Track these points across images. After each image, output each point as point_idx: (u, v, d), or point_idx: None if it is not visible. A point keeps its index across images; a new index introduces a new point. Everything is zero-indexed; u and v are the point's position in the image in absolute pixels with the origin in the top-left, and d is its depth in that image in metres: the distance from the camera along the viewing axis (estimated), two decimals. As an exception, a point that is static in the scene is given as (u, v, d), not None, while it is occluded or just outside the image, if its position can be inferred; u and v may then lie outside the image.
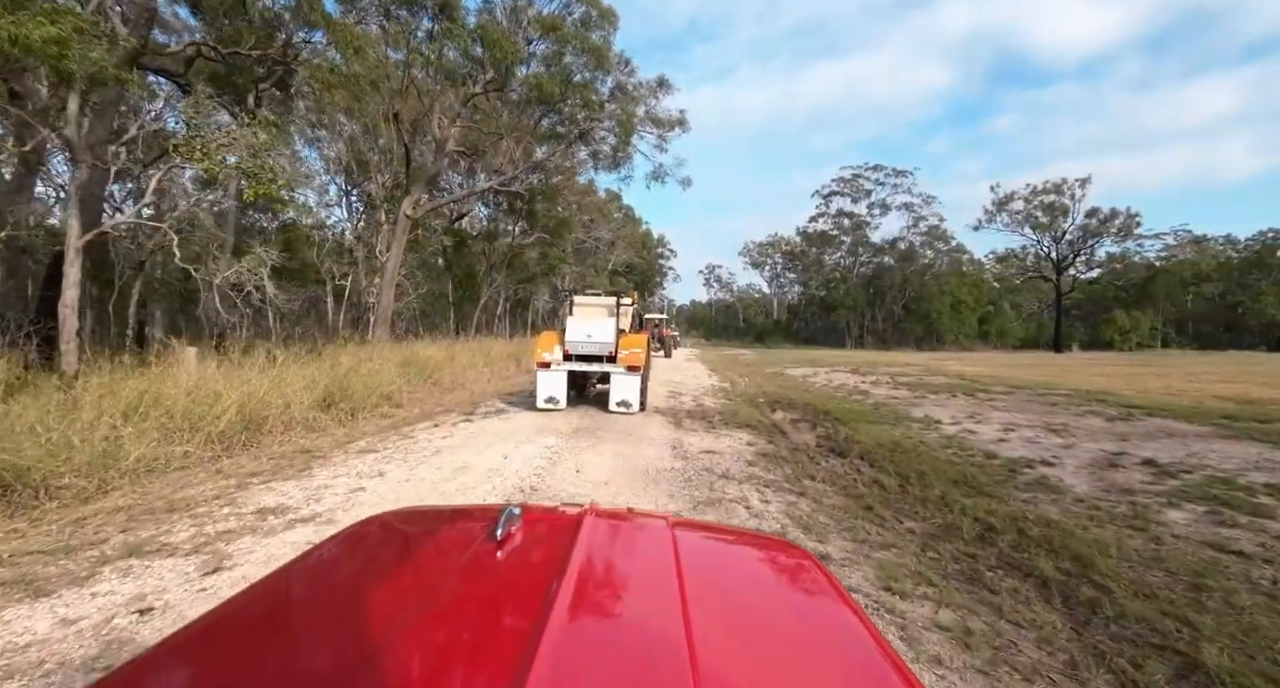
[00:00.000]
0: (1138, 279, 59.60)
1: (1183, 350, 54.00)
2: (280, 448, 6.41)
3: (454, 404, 10.37)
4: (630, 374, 9.31)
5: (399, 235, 16.53)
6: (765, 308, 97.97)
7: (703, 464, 5.98)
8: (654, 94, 18.34)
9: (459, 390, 12.48)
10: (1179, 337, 64.79)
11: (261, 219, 36.26)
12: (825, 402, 11.27)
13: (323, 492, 4.61)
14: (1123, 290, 59.93)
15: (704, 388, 13.93)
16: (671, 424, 8.48)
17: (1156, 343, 61.41)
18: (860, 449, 6.83)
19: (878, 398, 11.96)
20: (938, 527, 4.23)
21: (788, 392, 13.14)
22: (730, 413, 9.64)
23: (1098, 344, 59.89)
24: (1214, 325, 64.34)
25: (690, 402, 11.21)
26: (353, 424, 8.11)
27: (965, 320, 64.51)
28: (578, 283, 46.10)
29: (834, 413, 9.67)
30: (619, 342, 9.55)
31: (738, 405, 10.74)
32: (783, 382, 15.92)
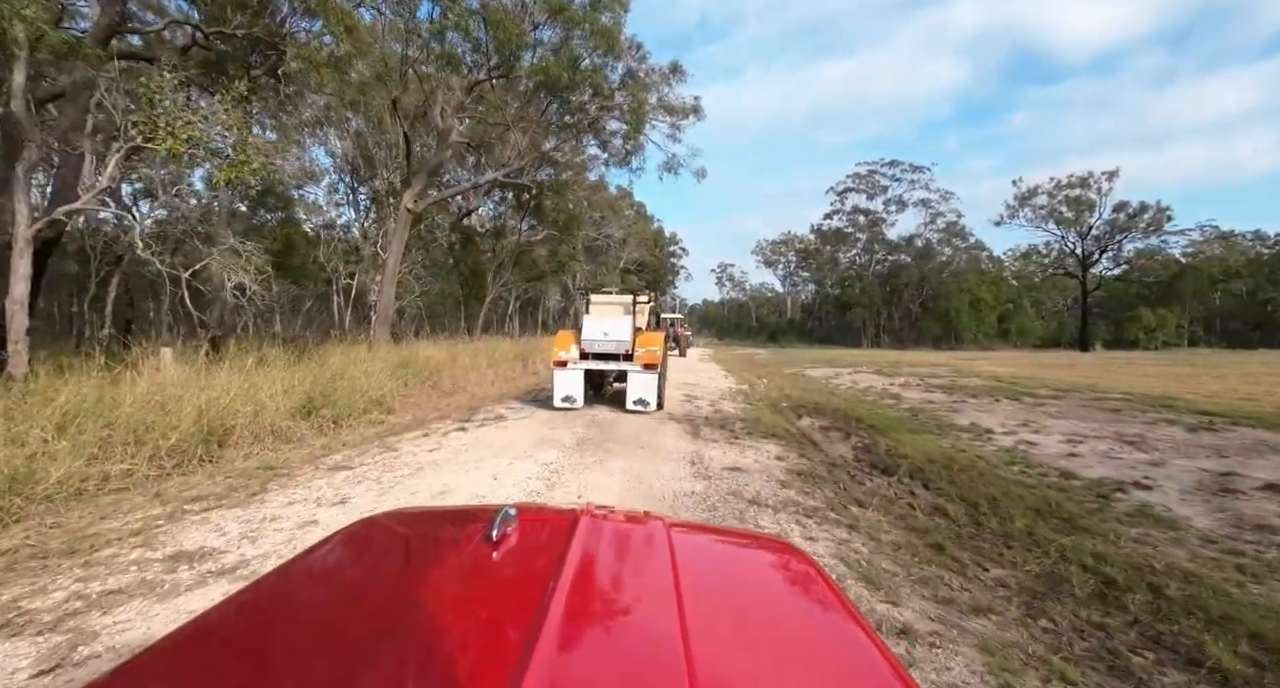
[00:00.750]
0: (1164, 276, 57.64)
1: (1213, 349, 52.03)
2: (243, 464, 5.61)
3: (450, 409, 9.55)
4: (647, 372, 9.16)
5: (400, 230, 15.77)
6: (778, 307, 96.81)
7: (728, 486, 5.08)
8: (666, 81, 17.44)
9: (458, 394, 11.67)
10: (1207, 335, 62.78)
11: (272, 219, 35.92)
12: (855, 407, 10.31)
13: (265, 527, 3.77)
14: (1146, 288, 57.99)
15: (721, 391, 13.01)
16: (689, 434, 7.58)
17: (1183, 342, 59.49)
18: (909, 465, 5.89)
19: (912, 402, 10.98)
20: (1036, 578, 3.30)
21: (811, 395, 12.19)
22: (752, 420, 8.72)
23: (1121, 343, 58.08)
24: (1243, 323, 62.18)
25: (707, 406, 10.30)
26: (334, 433, 7.31)
27: (985, 319, 63.15)
28: (589, 281, 45.33)
29: (868, 420, 8.72)
30: (635, 340, 9.38)
31: (759, 411, 9.81)
32: (804, 384, 14.96)
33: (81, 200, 6.89)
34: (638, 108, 15.28)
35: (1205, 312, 63.66)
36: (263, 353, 9.93)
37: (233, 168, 6.96)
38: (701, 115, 17.14)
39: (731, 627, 0.87)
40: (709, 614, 0.86)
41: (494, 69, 15.56)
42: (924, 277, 66.25)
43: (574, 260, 29.14)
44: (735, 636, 0.85)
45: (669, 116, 17.44)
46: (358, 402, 8.38)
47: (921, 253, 67.25)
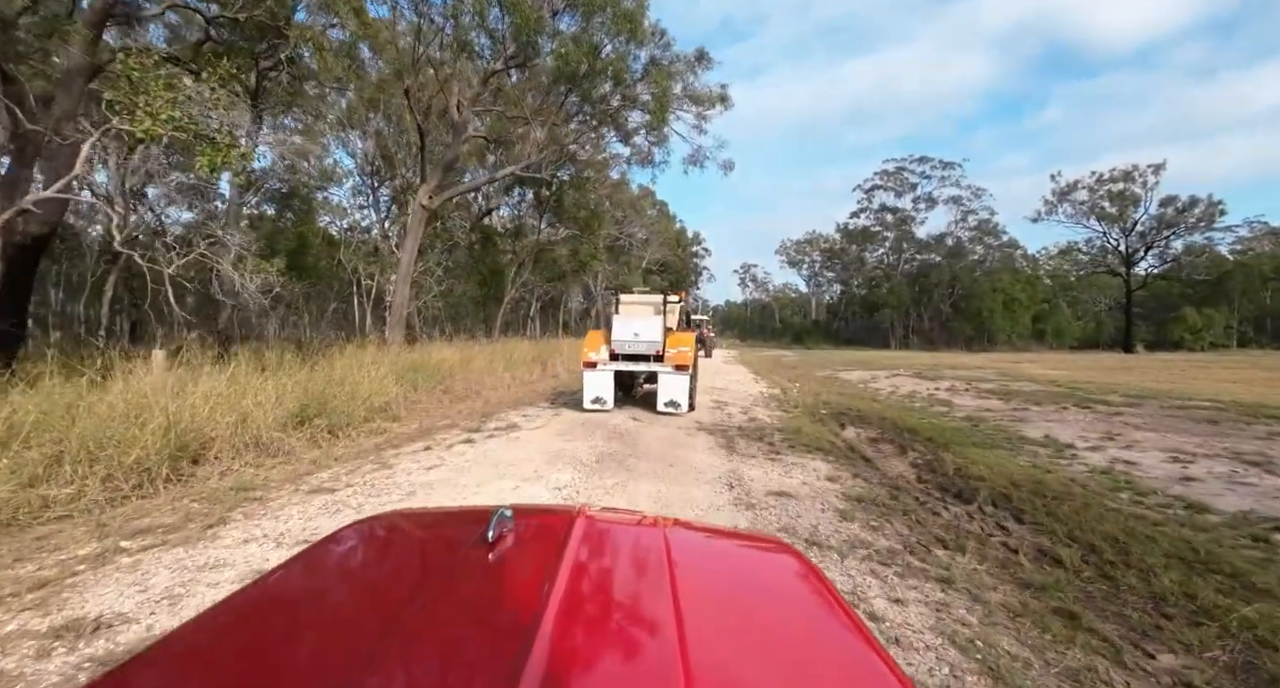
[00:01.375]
0: (1211, 275, 54.71)
1: (1264, 350, 49.21)
2: (215, 484, 4.90)
3: (460, 417, 8.82)
4: (679, 373, 9.04)
5: (414, 227, 15.16)
6: (802, 308, 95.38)
7: (777, 518, 4.20)
8: (691, 69, 16.57)
9: (471, 399, 10.95)
10: (1258, 336, 59.69)
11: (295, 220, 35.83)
12: (902, 415, 9.32)
13: (200, 579, 3.01)
14: (1190, 287, 55.11)
15: (752, 396, 12.09)
16: (722, 447, 6.71)
17: (1232, 342, 56.63)
18: (989, 490, 4.94)
19: (966, 410, 9.94)
20: (1230, 672, 2.38)
21: (852, 401, 11.20)
22: (792, 430, 7.80)
23: (1164, 344, 55.49)
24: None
25: (740, 414, 9.40)
26: (329, 445, 6.60)
27: (1019, 319, 61.16)
28: (610, 281, 44.61)
29: (922, 431, 7.74)
30: (666, 340, 9.17)
31: (798, 419, 8.89)
32: (841, 388, 13.94)
33: (51, 189, 6.30)
34: (661, 95, 14.45)
35: (1256, 311, 60.60)
36: (264, 356, 9.36)
37: (217, 152, 6.31)
38: (729, 104, 16.26)
39: (728, 628, 0.87)
40: (706, 615, 0.86)
41: (511, 58, 14.87)
42: (955, 276, 64.38)
43: (595, 260, 28.40)
44: (732, 637, 0.84)
45: (694, 106, 16.57)
46: (358, 410, 7.68)
47: (952, 251, 65.39)
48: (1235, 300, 56.29)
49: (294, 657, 0.81)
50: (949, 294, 65.24)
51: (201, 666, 0.81)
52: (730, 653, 0.79)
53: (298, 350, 11.22)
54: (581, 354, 9.49)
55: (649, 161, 33.70)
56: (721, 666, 0.74)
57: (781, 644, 0.86)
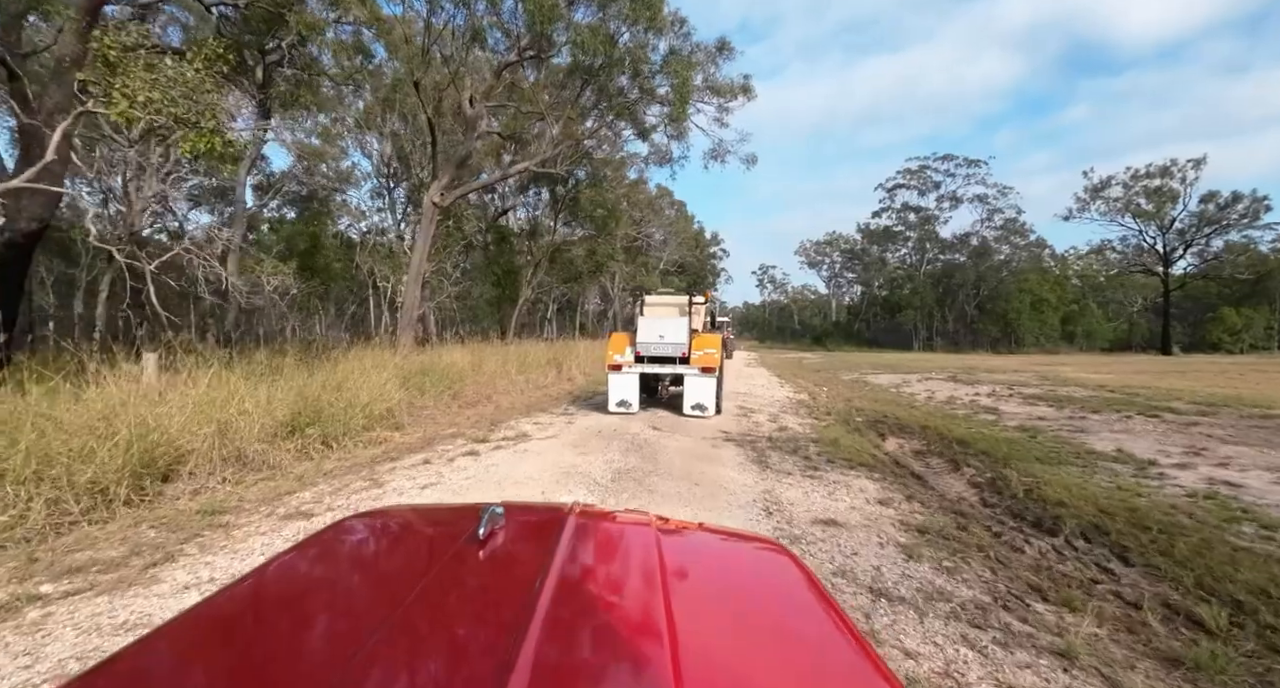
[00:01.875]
0: (1251, 274, 52.28)
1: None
2: (182, 505, 4.33)
3: (468, 425, 8.22)
4: (705, 376, 8.87)
5: (426, 226, 14.67)
6: (821, 309, 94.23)
7: (828, 556, 3.50)
8: (712, 60, 15.87)
9: (481, 405, 10.36)
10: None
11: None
12: (947, 424, 8.52)
13: (108, 644, 2.39)
14: (1226, 286, 52.74)
15: (779, 402, 11.35)
16: (754, 462, 6.00)
17: (1274, 344, 54.27)
18: (1074, 519, 4.18)
19: (1017, 418, 9.10)
20: None
21: (887, 407, 10.40)
22: (828, 442, 7.06)
23: (1200, 346, 53.33)
24: None
25: (768, 422, 8.67)
26: (321, 458, 6.03)
27: (1047, 321, 59.51)
28: (628, 283, 44.05)
29: (974, 443, 6.95)
30: (692, 342, 9.00)
31: (832, 428, 8.14)
32: (872, 393, 13.12)
33: (20, 178, 5.82)
34: (682, 86, 13.77)
35: None
36: (267, 359, 8.88)
37: (200, 137, 5.79)
38: (752, 96, 15.52)
39: (718, 626, 0.88)
40: (696, 613, 0.86)
41: (525, 50, 14.32)
42: (981, 276, 62.92)
43: (612, 260, 27.81)
44: (722, 634, 0.85)
45: (716, 98, 15.87)
46: (356, 418, 7.10)
47: (977, 251, 63.91)
48: (1276, 300, 53.94)
49: (284, 651, 0.81)
50: (974, 295, 63.75)
51: (192, 658, 0.80)
52: (720, 650, 0.79)
53: (304, 353, 10.76)
54: (606, 357, 9.36)
55: (667, 160, 33.05)
56: (711, 663, 0.74)
57: (771, 642, 0.85)
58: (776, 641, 0.86)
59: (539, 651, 0.66)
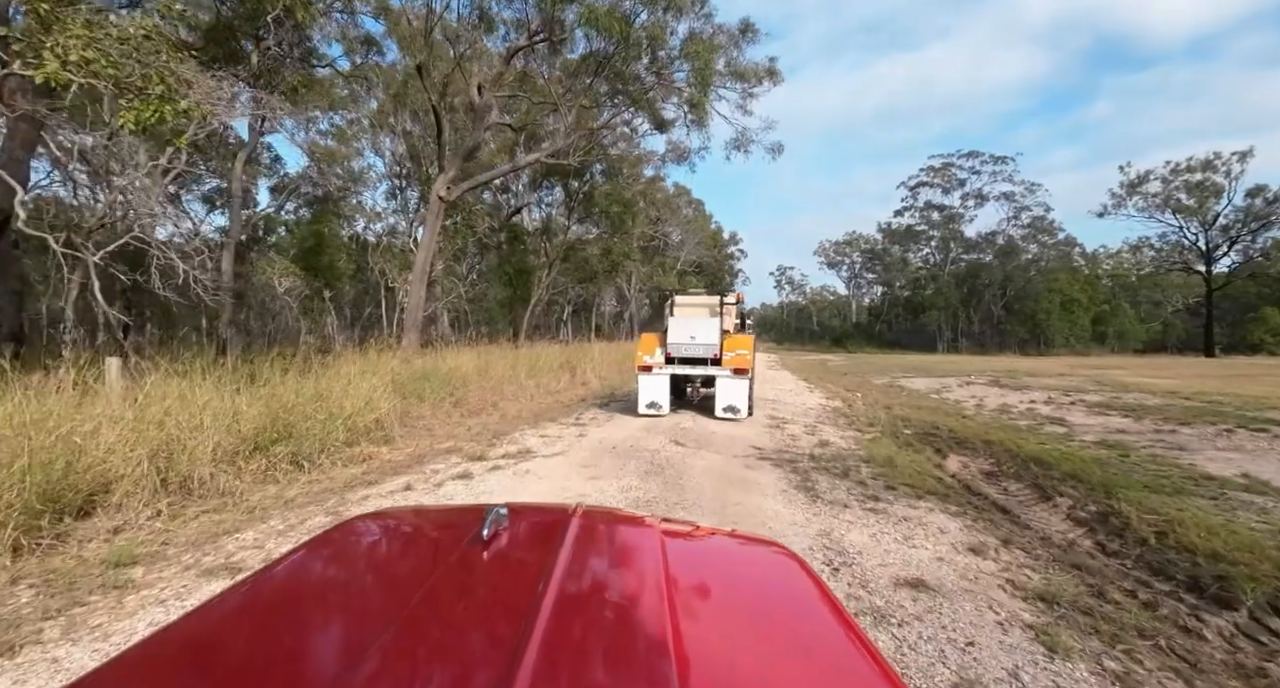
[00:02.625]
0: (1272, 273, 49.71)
1: None
2: (93, 550, 3.46)
3: (466, 438, 7.32)
4: (737, 377, 8.76)
5: (431, 221, 13.85)
6: (841, 310, 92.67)
7: (930, 646, 2.48)
8: (735, 43, 14.84)
9: (485, 413, 9.46)
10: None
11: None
12: (1010, 437, 7.41)
13: None
14: (1266, 285, 50.16)
15: (812, 410, 10.29)
16: (799, 487, 4.99)
17: None
18: (1250, 581, 3.11)
19: (1092, 430, 7.96)
20: None
21: (935, 417, 9.30)
22: (881, 461, 6.01)
23: (1239, 347, 50.85)
24: None
25: (805, 435, 7.63)
26: (289, 481, 5.15)
27: (1078, 321, 57.45)
28: (644, 283, 43.09)
29: (1055, 464, 5.86)
30: (724, 343, 8.87)
31: (879, 443, 7.08)
32: (913, 400, 12.00)
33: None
34: (703, 69, 12.76)
35: None
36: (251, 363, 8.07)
37: (146, 106, 4.93)
38: (779, 79, 14.46)
39: (722, 628, 0.87)
40: (700, 615, 0.86)
41: (535, 33, 13.43)
42: (1008, 276, 61.00)
43: (629, 259, 26.86)
44: (725, 636, 0.84)
45: (739, 83, 14.83)
46: (337, 431, 6.21)
47: (1003, 250, 62.01)
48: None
49: (288, 653, 0.80)
50: (1000, 295, 61.87)
51: (199, 658, 0.80)
52: (724, 654, 0.78)
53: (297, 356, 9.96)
54: (635, 358, 9.30)
55: (685, 157, 32.06)
56: (715, 664, 0.74)
57: (775, 644, 0.85)
58: (781, 644, 0.85)
59: (543, 652, 0.66)
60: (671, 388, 9.30)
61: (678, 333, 9.09)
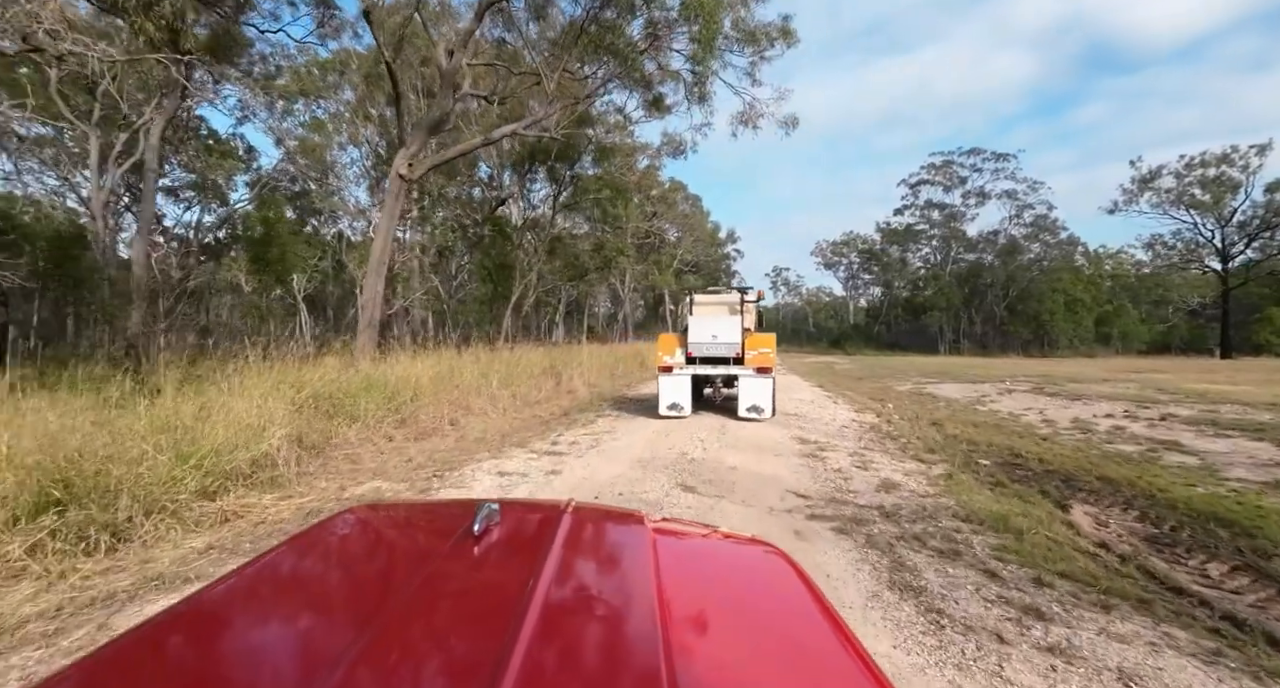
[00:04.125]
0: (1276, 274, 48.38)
1: None
2: None
3: (400, 474, 5.39)
4: (761, 377, 8.66)
5: (390, 204, 11.84)
6: (838, 311, 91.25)
7: None
8: (743, 1, 12.91)
9: (438, 436, 7.50)
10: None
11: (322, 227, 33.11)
12: (1132, 473, 5.51)
13: None
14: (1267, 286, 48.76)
15: (846, 428, 8.35)
16: (897, 591, 3.02)
17: None
18: None
19: (1239, 463, 6.04)
20: None
21: (1002, 438, 7.40)
22: (989, 522, 4.05)
23: (1243, 348, 49.46)
24: None
25: (855, 469, 5.67)
26: (66, 568, 3.15)
27: (1082, 322, 56.19)
28: (639, 282, 41.15)
29: (1248, 524, 3.93)
30: (745, 342, 8.76)
31: (962, 484, 5.14)
32: (958, 414, 10.08)
33: None
34: (708, 25, 10.81)
35: None
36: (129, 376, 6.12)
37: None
38: (793, 41, 12.47)
39: (711, 625, 0.87)
40: (689, 612, 0.86)
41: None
42: (1011, 276, 59.57)
43: (622, 256, 24.88)
44: (714, 634, 0.85)
45: (748, 47, 12.88)
46: (188, 478, 4.21)
47: (1006, 249, 60.59)
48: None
49: (276, 645, 0.80)
50: (1003, 295, 60.43)
51: (183, 651, 0.80)
52: (712, 650, 0.79)
53: (197, 363, 7.98)
54: (655, 358, 9.21)
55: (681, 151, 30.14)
56: (703, 663, 0.73)
57: (763, 642, 0.85)
58: (769, 641, 0.86)
59: (531, 648, 0.66)
60: (692, 389, 9.11)
61: (699, 332, 8.87)
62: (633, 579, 0.96)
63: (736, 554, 1.27)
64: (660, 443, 7.01)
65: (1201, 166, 40.97)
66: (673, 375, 8.97)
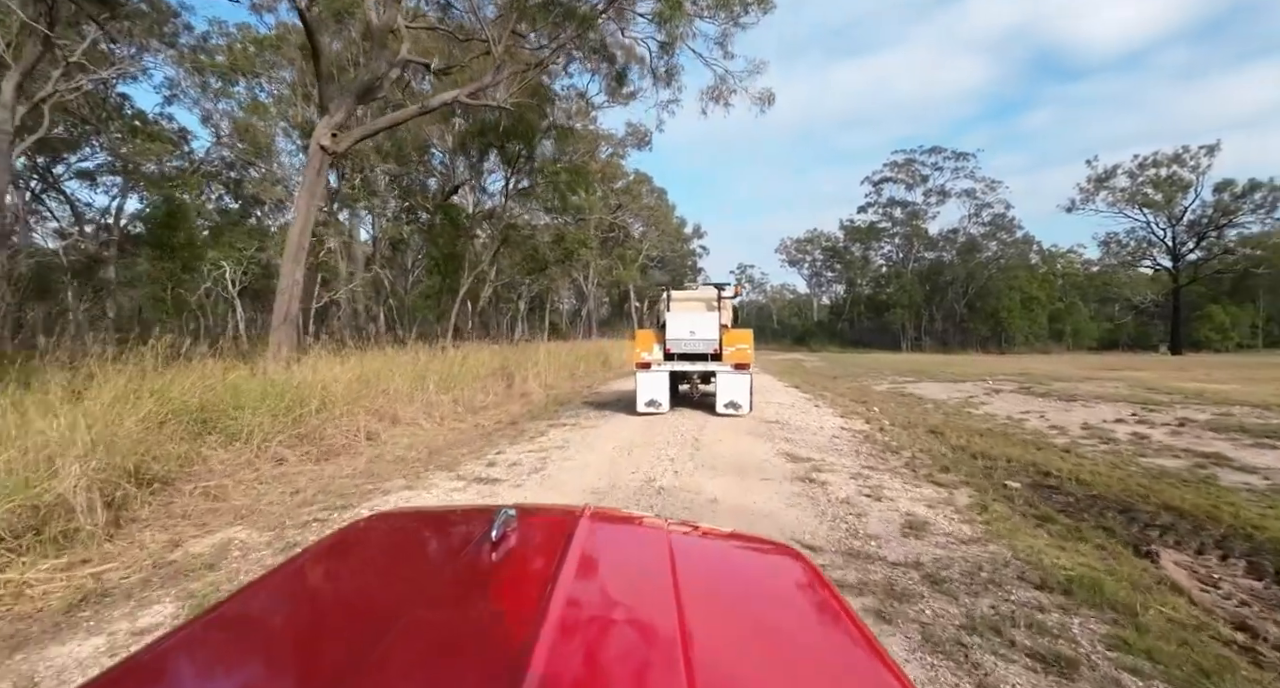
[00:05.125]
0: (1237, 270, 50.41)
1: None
2: None
3: (278, 514, 4.01)
4: (738, 372, 8.68)
5: (309, 180, 10.21)
6: (802, 309, 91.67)
7: None
8: (714, -37, 11.67)
9: (348, 455, 6.08)
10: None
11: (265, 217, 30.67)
12: (1198, 498, 4.52)
13: None
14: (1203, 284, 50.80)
15: (838, 439, 7.22)
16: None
17: (1258, 342, 52.99)
18: None
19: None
20: None
21: (1015, 450, 6.39)
22: (1075, 588, 2.92)
23: (1186, 345, 51.41)
24: None
25: (865, 500, 4.49)
26: None
27: (1037, 319, 57.54)
28: (603, 278, 39.78)
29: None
30: (723, 337, 8.76)
31: (1005, 522, 4.03)
32: (955, 419, 9.12)
33: None
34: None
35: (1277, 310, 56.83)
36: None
37: None
38: (769, 6, 11.32)
39: (730, 630, 0.86)
40: (708, 617, 0.85)
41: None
42: (970, 273, 60.47)
43: (584, 247, 23.47)
44: (734, 639, 0.83)
45: (720, 13, 11.65)
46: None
47: (965, 247, 61.50)
48: (1260, 298, 52.61)
49: (298, 651, 0.80)
50: (963, 293, 61.33)
51: (209, 657, 0.80)
52: (733, 655, 0.78)
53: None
54: (633, 355, 9.22)
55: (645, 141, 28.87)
56: (724, 667, 0.73)
57: (784, 647, 0.84)
58: (790, 646, 0.85)
59: (551, 654, 0.64)
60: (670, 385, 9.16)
61: (677, 328, 8.90)
62: (651, 585, 0.93)
63: (755, 559, 1.25)
64: (622, 464, 5.73)
65: (1154, 166, 41.86)
66: (651, 372, 8.90)
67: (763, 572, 1.16)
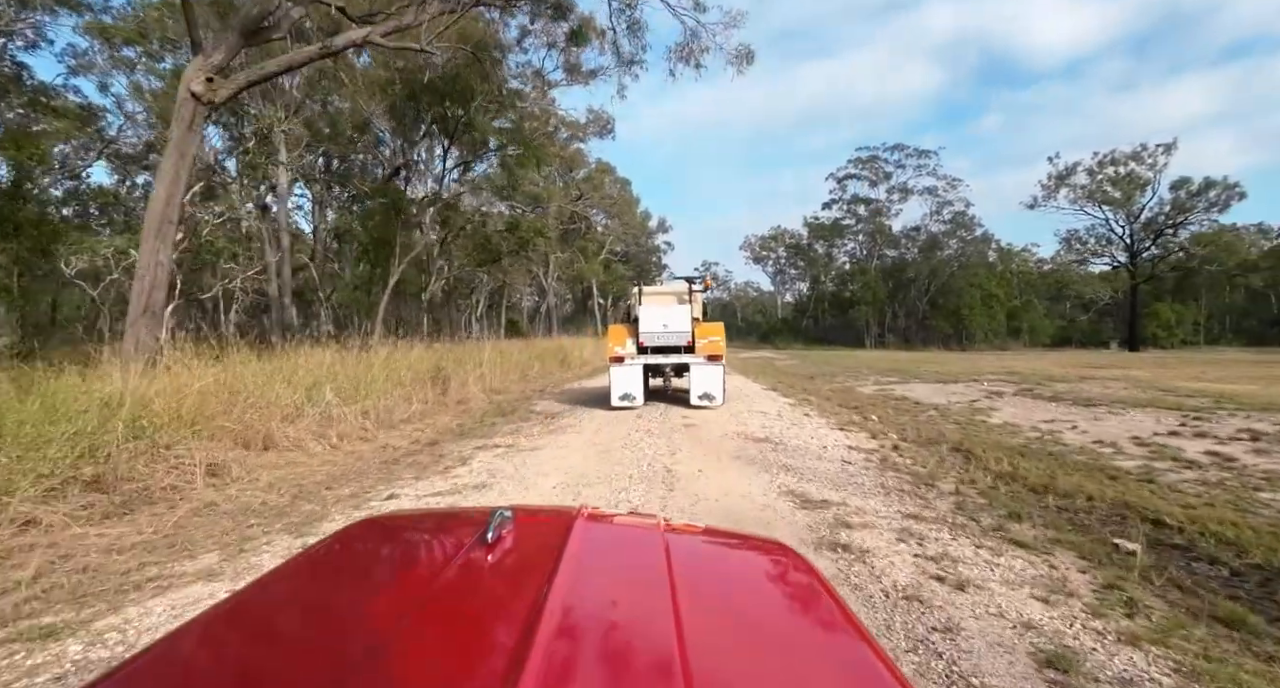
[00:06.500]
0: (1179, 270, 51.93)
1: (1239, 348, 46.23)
2: None
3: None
4: (711, 364, 8.85)
5: (178, 134, 8.08)
6: (766, 306, 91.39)
7: None
8: (684, -103, 9.96)
9: (157, 507, 4.12)
10: (1224, 332, 57.91)
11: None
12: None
13: None
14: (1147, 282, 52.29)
15: (845, 463, 5.62)
16: None
17: (1200, 339, 54.75)
18: None
19: None
20: None
21: (1086, 480, 4.91)
22: None
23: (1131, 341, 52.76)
24: (1259, 320, 57.19)
25: (926, 577, 2.85)
26: None
27: (996, 316, 58.13)
28: (563, 272, 37.74)
29: None
30: (695, 330, 8.97)
31: (1168, 623, 2.43)
32: (972, 430, 7.67)
33: None
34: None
35: (1220, 308, 58.91)
36: None
37: None
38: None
39: (727, 629, 0.86)
40: (705, 617, 0.84)
41: None
42: (933, 271, 60.76)
43: (541, 237, 21.49)
44: (731, 638, 0.83)
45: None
46: None
47: (928, 245, 61.80)
48: (1202, 297, 54.34)
49: (293, 657, 0.78)
50: (925, 290, 61.59)
51: (205, 660, 0.79)
52: (729, 656, 0.77)
53: None
54: (607, 349, 9.18)
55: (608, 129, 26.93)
56: (720, 668, 0.71)
57: (781, 646, 0.83)
58: (787, 645, 0.84)
59: (548, 654, 0.64)
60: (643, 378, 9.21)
61: (649, 322, 9.01)
62: (647, 584, 0.93)
63: (751, 556, 1.25)
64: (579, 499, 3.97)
65: (1113, 164, 42.18)
66: (624, 366, 8.94)
67: (760, 571, 1.16)
